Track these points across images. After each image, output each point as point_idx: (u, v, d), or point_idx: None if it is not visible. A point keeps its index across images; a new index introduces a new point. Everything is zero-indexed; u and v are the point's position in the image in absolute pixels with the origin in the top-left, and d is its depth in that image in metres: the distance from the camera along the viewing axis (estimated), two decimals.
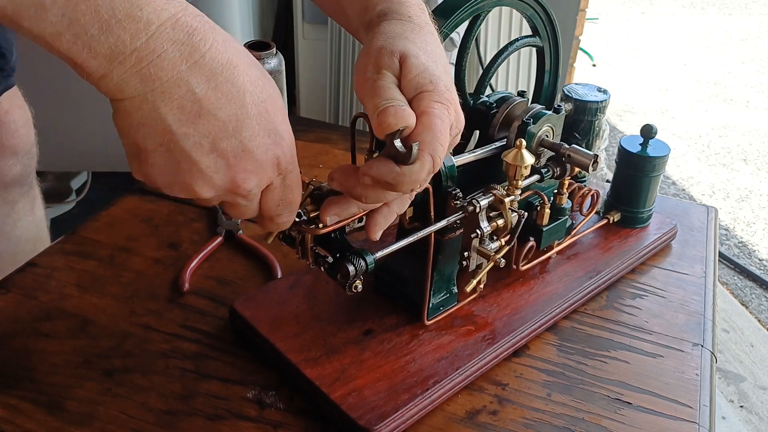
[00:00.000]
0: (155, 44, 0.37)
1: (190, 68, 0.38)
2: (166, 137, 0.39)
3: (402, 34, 0.48)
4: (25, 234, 1.06)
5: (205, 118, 0.39)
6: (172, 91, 0.38)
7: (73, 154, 1.78)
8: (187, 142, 0.39)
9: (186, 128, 0.39)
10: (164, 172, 0.41)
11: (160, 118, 0.38)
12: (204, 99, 0.39)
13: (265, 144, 0.42)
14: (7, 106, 0.96)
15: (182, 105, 0.38)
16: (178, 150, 0.39)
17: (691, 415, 0.60)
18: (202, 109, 0.39)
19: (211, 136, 0.40)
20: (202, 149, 0.40)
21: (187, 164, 0.40)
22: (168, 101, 0.38)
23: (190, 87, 0.38)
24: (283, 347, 0.61)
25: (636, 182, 0.78)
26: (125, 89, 0.38)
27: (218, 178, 0.41)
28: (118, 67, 0.37)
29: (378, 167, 0.45)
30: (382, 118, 0.43)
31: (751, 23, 4.44)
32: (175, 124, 0.39)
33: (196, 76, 0.38)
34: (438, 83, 0.46)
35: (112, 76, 0.37)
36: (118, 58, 0.37)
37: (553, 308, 0.68)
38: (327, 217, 0.50)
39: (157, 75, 0.37)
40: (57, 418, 0.57)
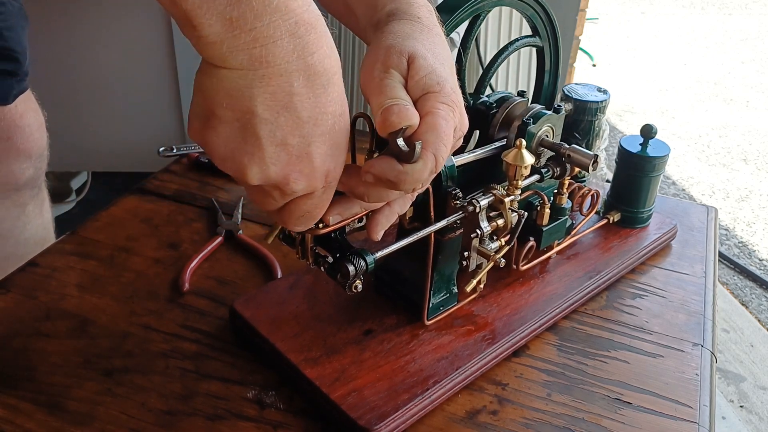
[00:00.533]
0: (274, 30, 0.38)
1: (297, 63, 0.39)
2: (247, 115, 0.40)
3: (411, 34, 0.49)
4: (34, 236, 1.06)
5: (290, 111, 0.40)
6: (273, 78, 0.39)
7: (73, 154, 1.78)
8: (263, 127, 0.40)
9: (269, 114, 0.40)
10: (226, 144, 0.41)
11: (250, 96, 0.39)
12: (296, 94, 0.40)
13: (326, 153, 0.43)
14: (21, 109, 0.97)
15: (275, 93, 0.39)
16: (252, 131, 0.40)
17: (691, 415, 0.60)
18: (291, 103, 0.40)
19: (286, 129, 0.40)
20: (273, 138, 0.40)
21: (252, 147, 0.41)
22: (265, 85, 0.39)
23: (290, 80, 0.39)
24: (283, 347, 0.61)
25: (636, 182, 0.78)
26: (230, 60, 0.38)
27: (274, 171, 0.42)
28: (231, 40, 0.37)
29: (381, 165, 0.45)
30: (386, 115, 0.44)
31: (751, 23, 4.44)
32: (261, 108, 0.39)
33: (299, 72, 0.39)
34: (445, 85, 0.47)
35: (223, 46, 0.38)
36: (236, 31, 0.37)
37: (553, 308, 0.68)
38: (329, 216, 0.50)
39: (266, 59, 0.38)
40: (57, 418, 0.57)
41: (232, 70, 0.39)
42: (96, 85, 1.69)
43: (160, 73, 1.69)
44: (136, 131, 1.75)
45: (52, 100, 1.11)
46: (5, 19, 0.90)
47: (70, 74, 1.67)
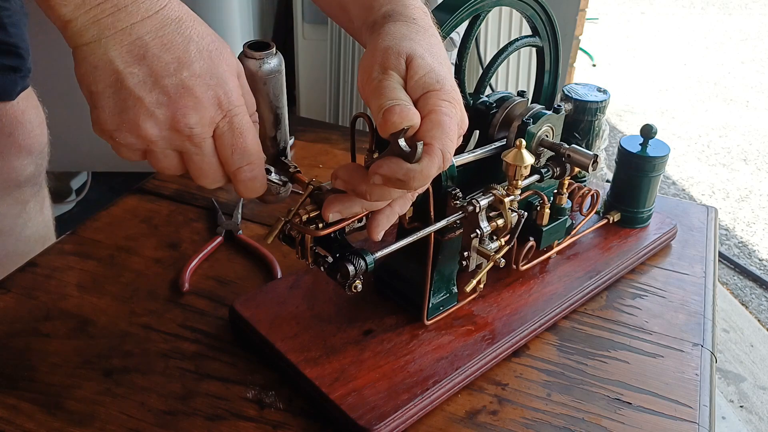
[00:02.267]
0: (119, 0, 0.42)
1: (143, 20, 0.43)
2: (113, 77, 0.43)
3: (408, 35, 0.49)
4: (35, 234, 1.06)
5: (150, 58, 0.43)
6: (123, 38, 0.43)
7: (73, 154, 1.78)
8: (132, 79, 0.43)
9: (131, 68, 0.43)
10: (113, 112, 0.44)
11: (110, 60, 0.43)
12: (150, 44, 0.43)
13: (205, 84, 0.45)
14: (23, 106, 0.97)
15: (130, 49, 0.43)
16: (125, 88, 0.43)
17: (691, 415, 0.60)
18: (148, 52, 0.43)
19: (154, 75, 0.43)
20: (146, 85, 0.43)
21: (132, 101, 0.44)
22: (118, 46, 0.43)
23: (140, 35, 0.43)
24: (282, 347, 0.61)
25: (636, 182, 0.78)
26: (85, 35, 0.43)
27: (160, 113, 0.44)
28: (83, 15, 0.42)
29: (389, 165, 0.45)
30: (387, 116, 0.44)
31: (751, 23, 4.44)
32: (122, 65, 0.43)
33: (147, 26, 0.43)
34: (444, 83, 0.47)
35: (77, 22, 0.42)
36: (87, 7, 0.42)
37: (553, 308, 0.68)
38: (329, 213, 0.50)
39: (113, 25, 0.42)
40: (57, 418, 0.57)
41: (90, 44, 0.43)
42: None
43: None
44: None
45: (52, 99, 1.11)
46: (10, 15, 0.90)
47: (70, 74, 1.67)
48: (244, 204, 0.85)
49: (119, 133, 0.45)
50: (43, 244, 0.92)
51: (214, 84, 0.45)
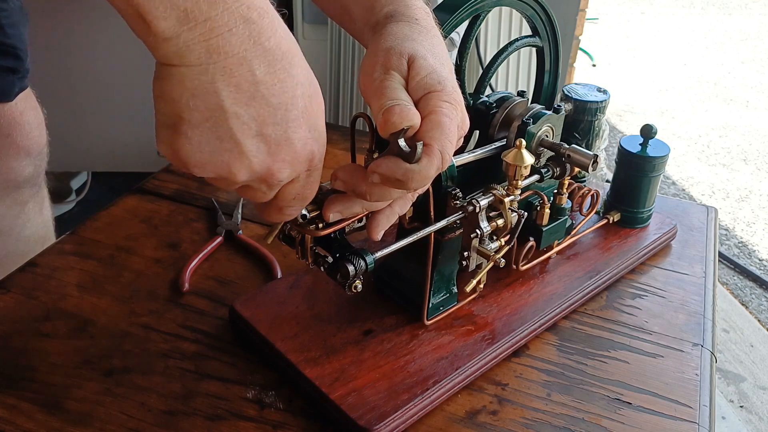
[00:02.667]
0: (229, 18, 0.37)
1: (256, 49, 0.38)
2: (216, 113, 0.38)
3: (410, 36, 0.49)
4: (34, 234, 1.07)
5: (258, 101, 0.39)
6: (234, 68, 0.38)
7: (73, 154, 1.78)
8: (236, 121, 0.39)
9: (238, 107, 0.39)
10: (201, 149, 0.40)
11: (215, 92, 0.38)
12: (261, 82, 0.39)
13: (305, 137, 0.42)
14: (22, 107, 0.97)
15: (240, 84, 0.38)
16: (225, 128, 0.39)
17: (691, 415, 0.60)
18: (258, 92, 0.39)
19: (259, 120, 0.39)
20: (249, 131, 0.39)
21: (229, 144, 0.40)
22: (227, 77, 0.38)
23: (252, 68, 0.38)
24: (282, 347, 0.61)
25: (636, 182, 0.78)
26: (187, 56, 0.37)
27: (257, 163, 0.41)
28: (186, 33, 0.36)
29: (387, 165, 0.45)
30: (387, 116, 0.44)
31: (751, 23, 4.44)
32: (228, 101, 0.38)
33: (259, 59, 0.38)
34: (446, 84, 0.47)
35: (178, 40, 0.36)
36: (190, 23, 0.36)
37: (553, 308, 0.68)
38: (330, 213, 0.50)
39: (224, 49, 0.37)
40: (57, 418, 0.57)
41: (191, 67, 0.37)
42: (96, 85, 1.69)
43: None
44: (136, 131, 1.74)
45: (52, 99, 1.11)
46: (8, 16, 0.90)
47: (70, 74, 1.67)
48: (244, 204, 0.85)
49: (199, 169, 0.41)
50: (42, 244, 0.92)
51: (312, 138, 0.43)
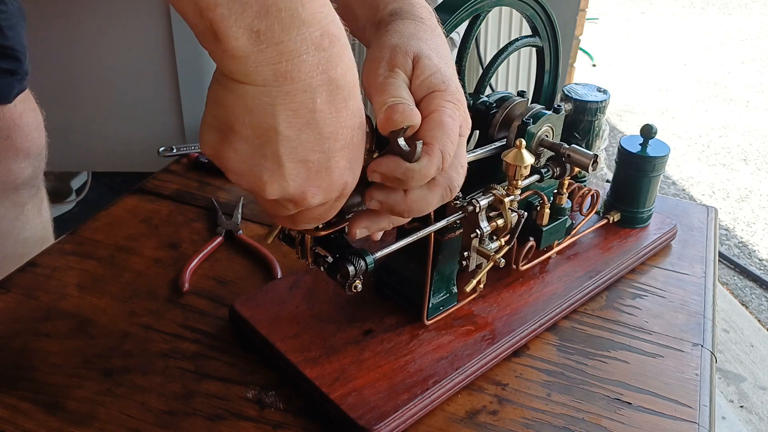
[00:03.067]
0: (301, 44, 0.37)
1: (321, 78, 0.38)
2: (268, 133, 0.39)
3: (415, 34, 0.49)
4: (33, 236, 1.07)
5: (312, 128, 0.39)
6: (297, 94, 0.38)
7: (73, 154, 1.78)
8: (285, 144, 0.39)
9: (290, 131, 0.39)
10: (244, 161, 0.40)
11: (273, 114, 0.38)
12: (319, 111, 0.39)
13: (343, 167, 0.42)
14: (21, 109, 0.97)
15: (298, 110, 0.38)
16: (273, 148, 0.39)
17: (691, 415, 0.60)
18: (313, 120, 0.39)
19: (307, 146, 0.40)
20: (294, 155, 0.40)
21: (272, 164, 0.40)
22: (289, 102, 0.38)
23: (314, 96, 0.38)
24: (282, 347, 0.61)
25: (636, 182, 0.78)
26: (253, 76, 0.37)
27: (293, 186, 0.41)
28: (257, 54, 0.36)
29: (387, 164, 0.45)
30: (388, 114, 0.44)
31: (751, 23, 4.44)
32: (283, 125, 0.38)
33: (323, 88, 0.38)
34: (450, 84, 0.47)
35: (248, 60, 0.36)
36: (262, 45, 0.36)
37: (553, 308, 0.68)
38: (356, 230, 0.49)
39: (291, 75, 0.37)
40: (57, 418, 0.57)
41: (256, 87, 0.37)
42: (96, 85, 1.69)
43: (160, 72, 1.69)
44: (136, 131, 1.74)
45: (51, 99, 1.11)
46: (7, 18, 0.90)
47: (69, 74, 1.67)
48: (244, 204, 0.85)
49: (236, 177, 0.41)
50: (41, 245, 0.92)
51: (349, 169, 0.43)
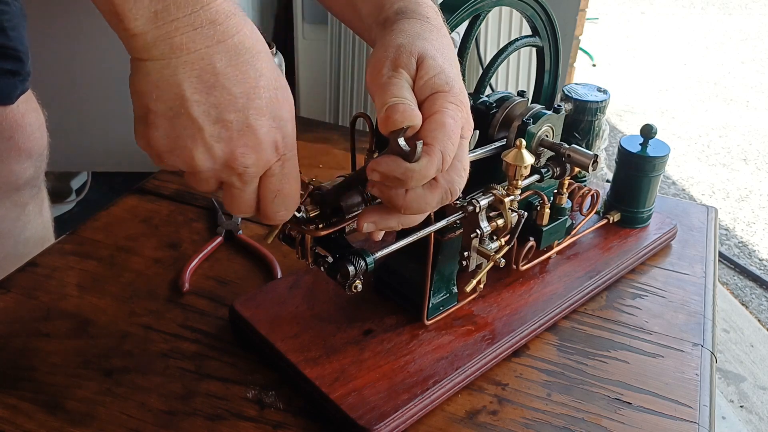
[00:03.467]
0: (194, 19, 0.40)
1: (218, 46, 0.41)
2: (177, 101, 0.41)
3: (421, 34, 0.49)
4: (34, 236, 1.07)
5: (219, 89, 0.41)
6: (195, 62, 0.40)
7: (73, 154, 1.78)
8: (197, 108, 0.41)
9: (199, 96, 0.41)
10: (168, 135, 0.42)
11: (177, 83, 0.40)
12: (221, 73, 0.41)
13: (268, 125, 0.43)
14: (23, 109, 0.97)
15: (201, 75, 0.41)
16: (187, 115, 0.41)
17: (691, 415, 0.60)
18: (218, 82, 0.41)
19: (220, 107, 0.41)
20: (209, 117, 0.42)
21: (191, 130, 0.42)
22: (189, 70, 0.40)
23: (212, 62, 0.41)
24: (282, 347, 0.61)
25: (636, 182, 0.78)
26: (152, 51, 0.40)
27: (219, 148, 0.43)
28: (154, 30, 0.39)
29: (387, 163, 0.45)
30: (389, 113, 0.44)
31: (751, 23, 4.44)
32: (189, 91, 0.41)
33: (221, 54, 0.41)
34: (454, 85, 0.47)
35: (147, 37, 0.40)
36: (159, 22, 0.39)
37: (553, 308, 0.68)
38: (364, 223, 0.49)
39: (187, 46, 0.40)
40: (57, 418, 0.57)
41: (156, 61, 0.40)
42: (96, 85, 1.69)
43: None
44: None
45: (52, 100, 1.11)
46: (9, 19, 0.90)
47: (70, 74, 1.67)
48: None
49: (168, 156, 0.43)
50: (42, 245, 0.92)
51: (276, 126, 0.44)
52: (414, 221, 0.51)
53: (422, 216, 0.51)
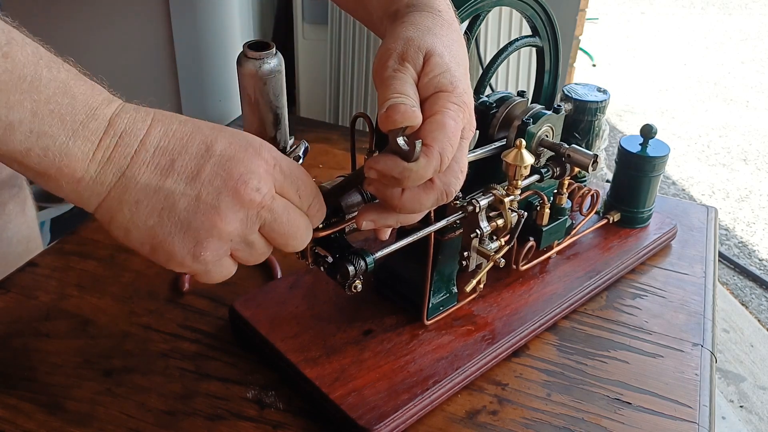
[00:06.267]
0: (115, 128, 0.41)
1: (148, 131, 0.42)
2: (160, 201, 0.41)
3: (431, 29, 0.48)
4: (17, 235, 1.06)
5: (180, 160, 0.42)
6: (142, 157, 0.41)
7: None
8: (177, 188, 0.42)
9: (168, 180, 0.41)
10: (181, 232, 0.43)
11: (144, 186, 0.41)
12: (168, 146, 0.42)
13: (244, 142, 0.44)
14: None
15: (156, 163, 0.41)
16: (175, 203, 0.42)
17: (691, 415, 0.60)
18: (173, 155, 0.42)
19: (193, 171, 0.42)
20: (194, 185, 0.42)
21: (191, 207, 0.42)
22: (143, 168, 0.41)
23: (154, 144, 0.42)
24: (282, 347, 0.61)
25: (636, 182, 0.78)
26: (104, 181, 0.41)
27: (224, 197, 0.42)
28: (91, 164, 0.40)
29: (385, 162, 0.44)
30: (390, 113, 0.43)
31: (751, 23, 4.44)
32: (159, 182, 0.41)
33: (153, 134, 0.42)
34: (458, 85, 0.46)
35: (88, 173, 0.40)
36: (89, 153, 0.40)
37: (553, 308, 0.68)
38: (363, 221, 0.49)
39: (125, 152, 0.41)
40: (57, 418, 0.57)
41: (114, 188, 0.41)
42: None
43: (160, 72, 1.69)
44: None
45: None
46: None
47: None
48: None
49: (201, 248, 0.43)
50: (27, 244, 0.92)
51: (248, 143, 0.44)
52: (413, 219, 0.51)
53: (421, 214, 0.50)
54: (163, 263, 0.44)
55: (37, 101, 0.38)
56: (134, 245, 0.43)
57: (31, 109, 0.38)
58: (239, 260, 0.46)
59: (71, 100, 0.39)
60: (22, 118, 0.38)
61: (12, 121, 0.38)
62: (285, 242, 0.46)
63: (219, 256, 0.44)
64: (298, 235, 0.46)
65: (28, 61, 0.38)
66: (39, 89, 0.38)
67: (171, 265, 0.44)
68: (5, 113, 0.37)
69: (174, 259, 0.43)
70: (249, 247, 0.45)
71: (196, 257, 0.43)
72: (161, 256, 0.43)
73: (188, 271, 0.45)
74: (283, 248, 0.47)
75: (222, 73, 1.68)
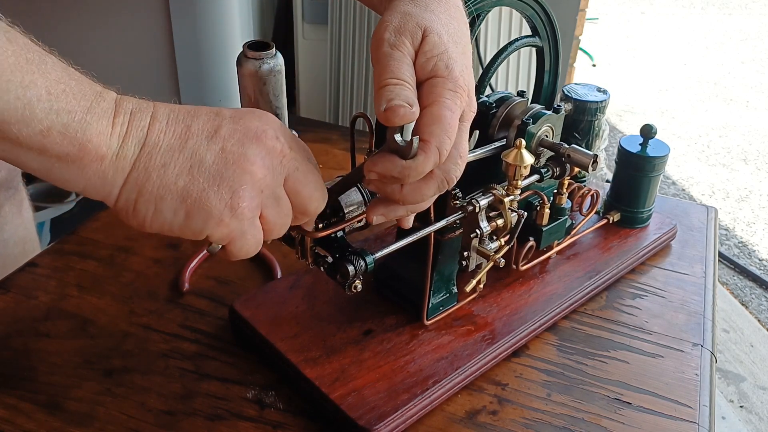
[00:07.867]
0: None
1: (151, 125, 0.42)
2: (182, 192, 0.42)
3: (430, 6, 0.48)
4: (14, 236, 1.06)
5: (189, 145, 0.43)
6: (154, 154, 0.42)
7: None
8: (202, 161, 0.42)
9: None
10: (215, 194, 0.43)
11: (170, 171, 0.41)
12: (170, 140, 0.43)
13: (251, 113, 0.45)
14: None
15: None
16: (196, 171, 0.42)
17: (691, 415, 0.60)
18: (188, 134, 0.43)
19: (213, 133, 0.43)
20: (211, 147, 0.43)
21: (222, 164, 0.43)
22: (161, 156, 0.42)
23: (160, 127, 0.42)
24: (282, 347, 0.61)
25: (636, 182, 0.78)
26: (127, 154, 0.41)
27: (250, 144, 0.43)
28: (112, 138, 0.40)
29: (383, 163, 0.44)
30: (388, 114, 0.43)
31: (751, 23, 4.44)
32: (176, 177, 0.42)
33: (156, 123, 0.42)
34: (453, 68, 0.45)
35: (111, 144, 0.40)
36: (111, 121, 0.40)
37: (553, 308, 0.68)
38: (373, 216, 0.49)
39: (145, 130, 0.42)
40: (57, 418, 0.57)
41: (135, 169, 0.42)
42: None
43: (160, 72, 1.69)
44: None
45: None
46: None
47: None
48: None
49: (238, 198, 0.42)
50: (23, 245, 0.92)
51: (251, 110, 0.45)
52: (421, 207, 0.50)
53: (429, 201, 0.50)
54: (200, 228, 0.43)
55: (49, 81, 0.38)
56: (165, 218, 0.42)
57: (45, 87, 0.38)
58: (267, 224, 0.45)
59: (77, 83, 0.40)
60: (40, 95, 0.38)
61: (30, 98, 0.38)
62: (307, 200, 0.46)
63: (254, 210, 0.43)
64: (316, 194, 0.46)
65: (30, 47, 0.39)
66: (47, 72, 0.39)
67: (209, 228, 0.43)
68: (22, 92, 0.37)
69: (212, 217, 0.42)
70: (277, 203, 0.45)
71: (233, 210, 0.42)
72: (197, 219, 0.42)
73: (225, 234, 0.43)
74: (303, 212, 0.47)
75: (222, 73, 1.68)
